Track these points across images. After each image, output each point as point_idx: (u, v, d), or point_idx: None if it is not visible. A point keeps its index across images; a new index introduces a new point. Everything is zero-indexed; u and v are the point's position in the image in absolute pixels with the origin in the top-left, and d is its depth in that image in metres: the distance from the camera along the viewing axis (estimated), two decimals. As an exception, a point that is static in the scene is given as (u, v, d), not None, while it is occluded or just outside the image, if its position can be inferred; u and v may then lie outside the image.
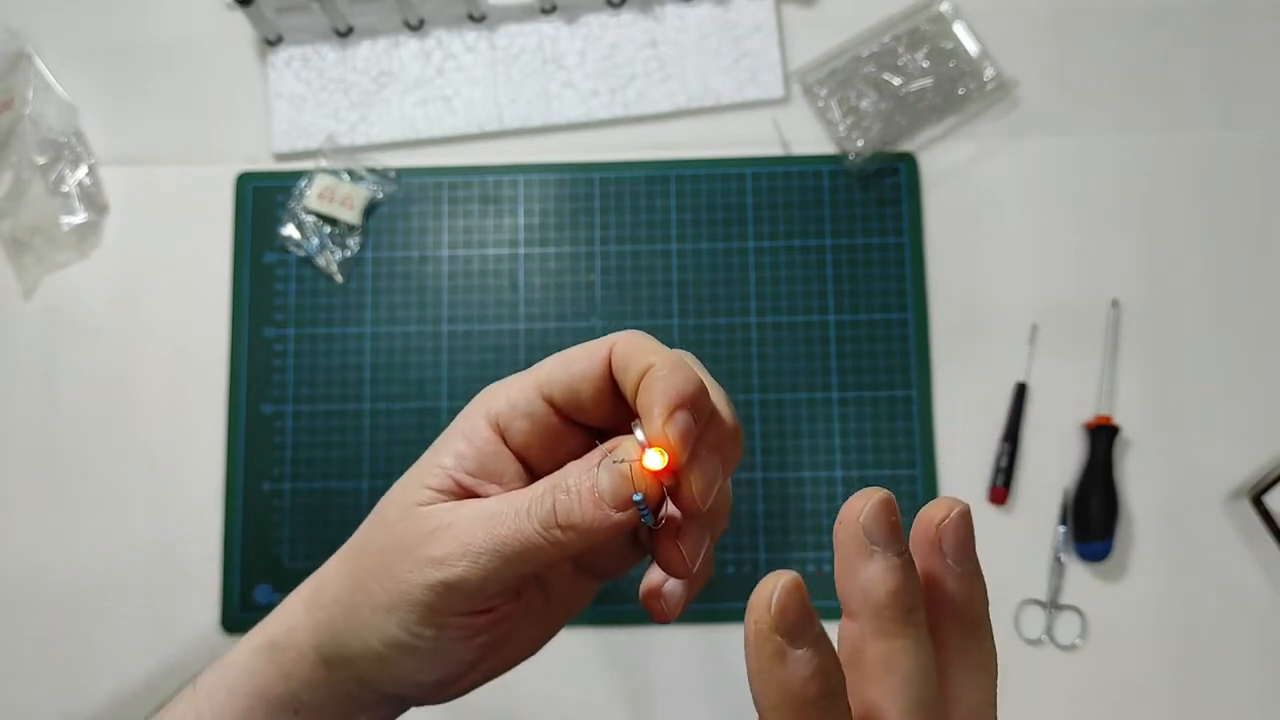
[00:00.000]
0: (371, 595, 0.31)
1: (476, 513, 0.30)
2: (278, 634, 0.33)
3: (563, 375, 0.31)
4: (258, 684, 0.33)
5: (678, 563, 0.30)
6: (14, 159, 0.68)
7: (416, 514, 0.31)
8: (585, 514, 0.28)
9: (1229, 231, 0.67)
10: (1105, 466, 0.63)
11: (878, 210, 0.68)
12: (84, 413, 0.67)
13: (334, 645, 0.32)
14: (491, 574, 0.29)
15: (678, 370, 0.29)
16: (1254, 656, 0.63)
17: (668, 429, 0.27)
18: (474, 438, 0.32)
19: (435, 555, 0.29)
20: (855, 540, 0.22)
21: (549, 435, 0.32)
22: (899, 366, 0.66)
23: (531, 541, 0.29)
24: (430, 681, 0.32)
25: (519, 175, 0.69)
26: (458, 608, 0.30)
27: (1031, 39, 0.70)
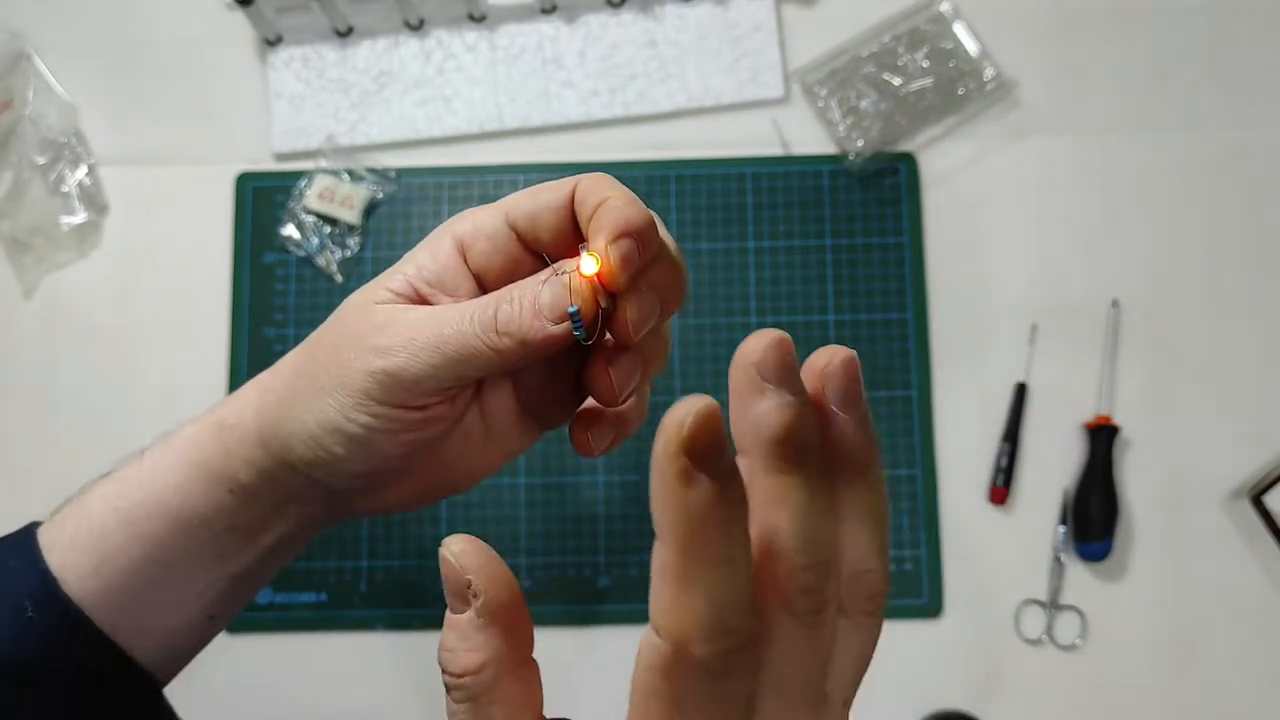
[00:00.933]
0: (316, 379, 0.33)
1: (426, 313, 0.32)
2: (227, 415, 0.35)
3: (527, 203, 0.33)
4: (201, 456, 0.35)
5: (605, 386, 0.32)
6: (14, 159, 0.68)
7: (371, 310, 0.33)
8: (524, 322, 0.30)
9: (1229, 231, 0.67)
10: (1105, 466, 0.63)
11: (878, 210, 0.68)
12: (84, 413, 0.67)
13: (274, 426, 0.33)
14: (430, 369, 0.31)
15: (631, 204, 0.31)
16: (1254, 656, 0.63)
17: (610, 249, 0.29)
18: (437, 252, 0.34)
19: (379, 344, 0.31)
20: (748, 379, 0.21)
21: (507, 259, 0.33)
22: (899, 366, 0.66)
23: (470, 344, 0.30)
24: (358, 472, 0.33)
25: (519, 175, 0.69)
26: (394, 398, 0.31)
27: (1031, 39, 0.70)
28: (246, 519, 0.35)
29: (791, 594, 0.21)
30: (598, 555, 0.64)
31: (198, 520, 0.34)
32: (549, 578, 0.64)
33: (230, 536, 0.35)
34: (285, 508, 0.35)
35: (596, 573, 0.64)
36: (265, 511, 0.35)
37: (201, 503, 0.34)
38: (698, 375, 0.66)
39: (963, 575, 0.64)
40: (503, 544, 0.64)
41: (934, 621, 0.63)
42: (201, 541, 0.35)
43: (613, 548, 0.65)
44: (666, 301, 0.32)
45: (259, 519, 0.35)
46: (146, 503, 0.34)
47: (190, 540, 0.34)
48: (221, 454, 0.34)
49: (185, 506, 0.34)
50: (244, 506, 0.35)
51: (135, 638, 0.35)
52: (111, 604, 0.34)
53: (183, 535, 0.34)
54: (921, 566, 0.64)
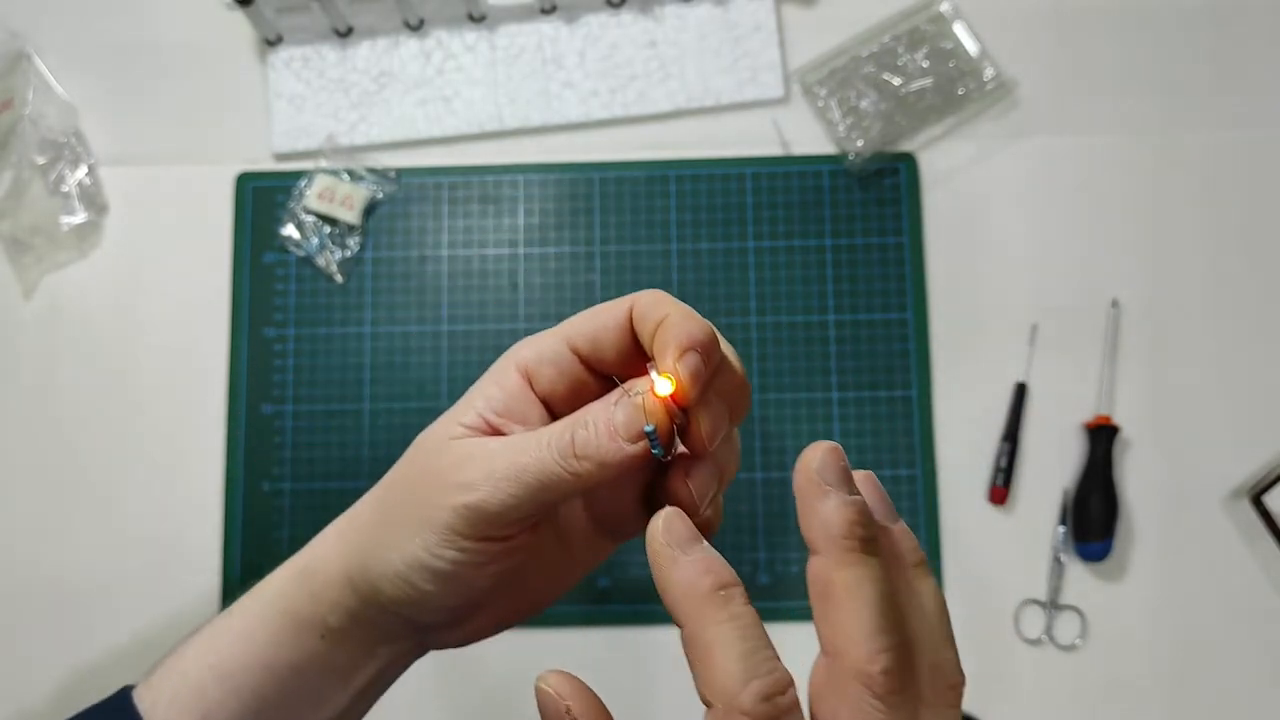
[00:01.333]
0: (399, 519, 0.33)
1: (503, 444, 0.32)
2: (311, 560, 0.36)
3: (587, 326, 0.34)
4: (288, 604, 0.35)
5: (686, 499, 0.32)
6: (14, 159, 0.68)
7: (447, 445, 0.33)
8: (601, 444, 0.31)
9: (1229, 231, 0.67)
10: (1105, 466, 0.63)
11: (878, 210, 0.68)
12: (84, 413, 0.67)
13: (360, 568, 0.34)
14: (511, 500, 0.31)
15: (691, 318, 0.31)
16: (1254, 656, 0.63)
17: (678, 366, 0.30)
18: (504, 383, 0.34)
19: (461, 480, 0.32)
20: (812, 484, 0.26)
21: (573, 383, 0.34)
22: (899, 366, 0.66)
23: (550, 470, 0.31)
24: (447, 607, 0.34)
25: (519, 175, 0.69)
26: (478, 531, 0.32)
27: (1031, 39, 0.70)
28: (339, 662, 0.35)
29: (874, 675, 0.24)
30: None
31: (291, 669, 0.35)
32: (549, 578, 0.64)
33: (324, 681, 0.36)
34: (376, 648, 0.36)
35: (597, 573, 0.64)
36: (357, 653, 0.36)
37: (294, 651, 0.35)
38: (698, 375, 0.66)
39: (963, 575, 0.64)
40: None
41: (934, 621, 0.63)
42: (297, 689, 0.35)
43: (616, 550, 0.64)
44: (734, 408, 0.33)
45: (351, 661, 0.36)
46: (241, 656, 0.35)
47: (286, 689, 0.35)
48: (309, 600, 0.35)
49: (279, 657, 0.35)
50: (335, 650, 0.35)
51: None
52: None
53: (279, 685, 0.35)
54: (921, 566, 0.64)
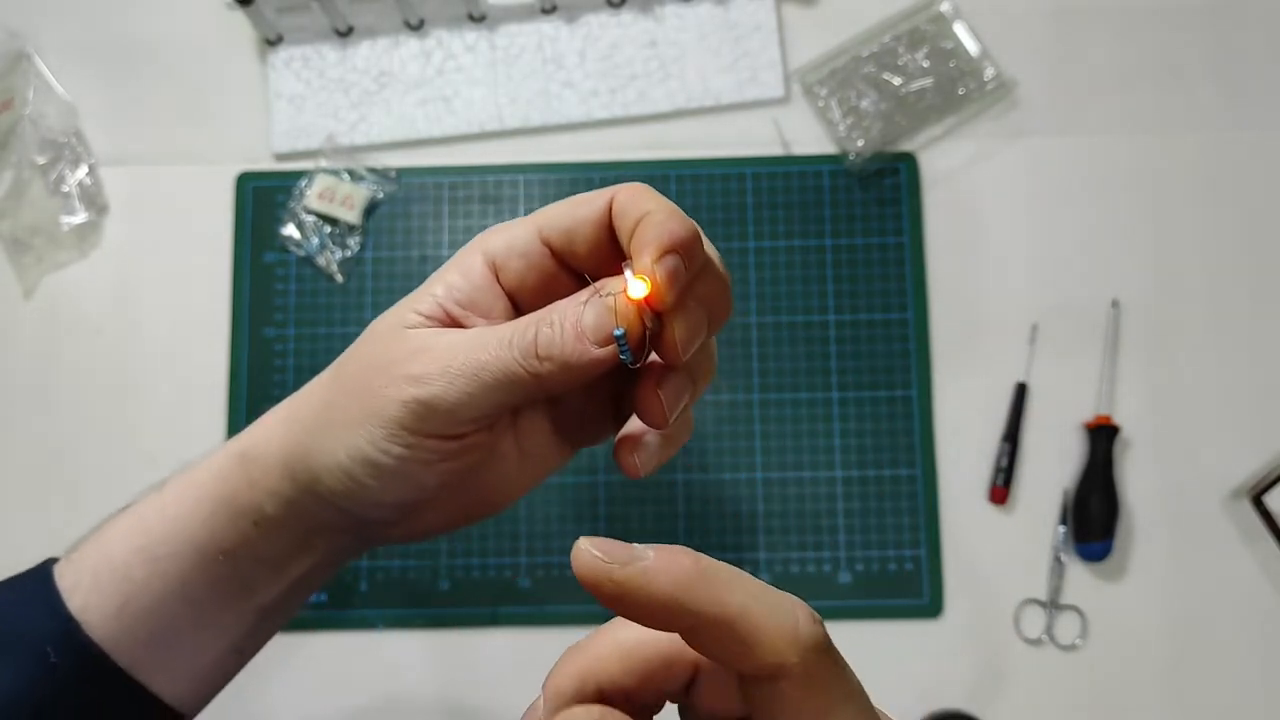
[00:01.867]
0: (346, 410, 0.31)
1: (460, 338, 0.30)
2: (250, 445, 0.34)
3: (562, 217, 0.31)
4: (224, 489, 0.33)
5: (655, 410, 0.30)
6: (14, 159, 0.68)
7: (401, 335, 0.31)
8: (566, 345, 0.29)
9: (1229, 231, 0.67)
10: (1105, 466, 0.63)
11: (878, 210, 0.68)
12: (84, 413, 0.67)
13: (302, 458, 0.32)
14: (467, 397, 0.29)
15: (674, 217, 0.29)
16: (1254, 656, 0.63)
17: (656, 267, 0.28)
18: (468, 272, 0.32)
19: (413, 372, 0.30)
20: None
21: (542, 277, 0.32)
22: (899, 366, 0.66)
23: (510, 369, 0.29)
24: (390, 503, 0.32)
25: (519, 175, 0.69)
26: (429, 428, 0.30)
27: (1031, 39, 0.70)
28: (273, 551, 0.34)
29: None
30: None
31: (222, 554, 0.33)
32: (549, 578, 0.64)
33: (256, 569, 0.34)
34: (313, 539, 0.34)
35: (596, 573, 0.64)
36: (292, 543, 0.34)
37: (226, 536, 0.33)
38: (698, 375, 0.66)
39: (963, 575, 0.64)
40: (502, 544, 0.65)
41: (934, 621, 0.63)
42: (227, 575, 0.34)
43: (613, 548, 0.64)
44: (714, 316, 0.31)
45: (286, 551, 0.34)
46: (169, 539, 0.33)
47: (215, 575, 0.33)
48: (245, 485, 0.33)
49: (209, 541, 0.33)
50: (270, 539, 0.33)
51: (161, 675, 0.34)
52: (136, 643, 0.33)
53: (208, 570, 0.33)
54: (921, 566, 0.64)
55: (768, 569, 0.64)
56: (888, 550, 0.64)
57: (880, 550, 0.64)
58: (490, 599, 0.64)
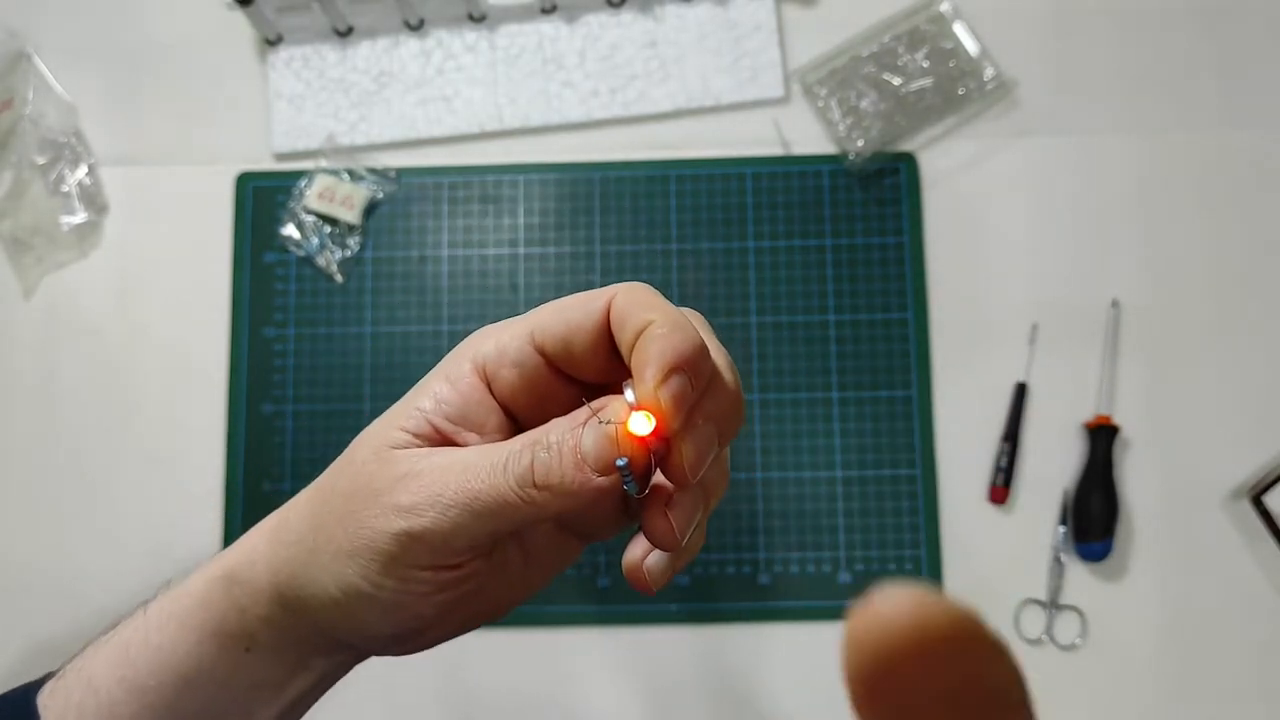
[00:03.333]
0: (333, 539, 0.29)
1: (451, 462, 0.28)
2: (237, 567, 0.32)
3: (557, 324, 0.29)
4: (211, 616, 0.31)
5: (665, 534, 0.28)
6: (14, 159, 0.68)
7: (387, 457, 0.29)
8: (565, 475, 0.27)
9: (1229, 231, 0.67)
10: (1105, 466, 0.63)
11: (878, 210, 0.68)
12: (84, 412, 0.67)
13: (291, 586, 0.30)
14: (460, 528, 0.27)
15: (678, 330, 0.26)
16: (1254, 656, 0.63)
17: (660, 392, 0.26)
18: (458, 382, 0.30)
19: (402, 503, 0.28)
20: None
21: (538, 387, 0.30)
22: (899, 366, 0.66)
23: (505, 499, 0.27)
24: (388, 634, 0.30)
25: (519, 175, 0.69)
26: (422, 561, 0.28)
27: (1031, 39, 0.70)
28: (268, 676, 0.32)
29: None
30: (599, 555, 0.64)
31: (214, 684, 0.31)
32: (549, 578, 0.64)
33: (252, 694, 0.32)
34: (310, 659, 0.32)
35: (597, 573, 0.64)
36: (289, 666, 0.32)
37: (217, 666, 0.31)
38: (698, 375, 0.66)
39: (963, 575, 0.64)
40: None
41: (934, 621, 0.63)
42: (221, 704, 0.31)
43: (614, 547, 0.64)
44: (724, 430, 0.28)
45: (282, 674, 0.32)
46: (157, 670, 0.31)
47: (208, 704, 0.31)
48: (235, 612, 0.31)
49: (199, 671, 0.31)
50: (265, 664, 0.32)
51: None
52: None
53: (200, 700, 0.31)
54: (921, 566, 0.64)
55: (767, 569, 0.64)
56: (888, 550, 0.64)
57: (880, 550, 0.64)
58: (490, 599, 0.64)
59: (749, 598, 0.64)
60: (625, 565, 0.31)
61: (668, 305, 0.28)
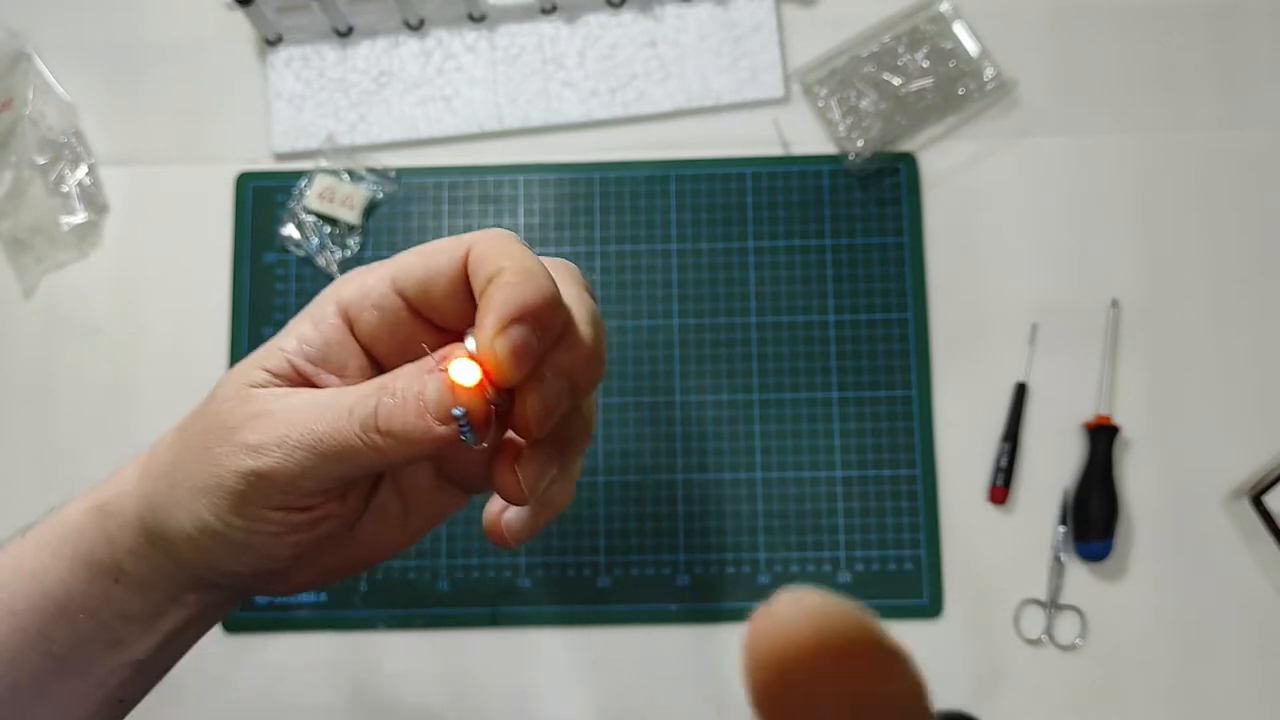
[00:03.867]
0: (190, 475, 0.29)
1: (302, 403, 0.28)
2: (109, 498, 0.32)
3: (417, 268, 0.29)
4: (83, 545, 0.32)
5: (512, 489, 0.28)
6: (14, 159, 0.68)
7: (245, 395, 0.29)
8: (407, 422, 0.26)
9: (1229, 231, 0.67)
10: (1105, 466, 0.63)
11: (878, 210, 0.68)
12: (84, 413, 0.67)
13: (155, 520, 0.30)
14: (306, 470, 0.27)
15: (527, 279, 0.26)
16: (1254, 656, 0.63)
17: (496, 343, 0.25)
18: (321, 324, 0.30)
19: (250, 442, 0.28)
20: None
21: (399, 330, 0.30)
22: (899, 366, 0.66)
23: (349, 443, 0.27)
24: (245, 573, 0.30)
25: (519, 175, 0.69)
26: (269, 501, 0.28)
27: (1031, 39, 0.70)
28: (140, 608, 0.32)
29: None
30: (598, 555, 0.64)
31: (85, 612, 0.31)
32: (549, 578, 0.64)
33: (124, 625, 0.32)
34: (182, 595, 0.32)
35: (596, 572, 0.64)
36: (160, 600, 0.32)
37: (87, 594, 0.31)
38: (697, 376, 0.66)
39: (963, 575, 0.64)
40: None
41: (934, 621, 0.63)
42: (92, 631, 0.31)
43: (613, 548, 0.65)
44: (577, 385, 0.28)
45: (154, 607, 0.32)
46: (29, 593, 0.31)
47: (79, 632, 0.31)
48: (105, 541, 0.31)
49: (70, 597, 0.31)
50: (135, 596, 0.32)
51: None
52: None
53: (70, 627, 0.31)
54: (921, 566, 0.64)
55: (768, 569, 0.64)
56: (887, 550, 0.64)
57: (880, 550, 0.64)
58: (490, 599, 0.64)
59: (749, 598, 0.64)
60: (484, 519, 0.32)
61: (524, 253, 0.27)
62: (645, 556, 0.64)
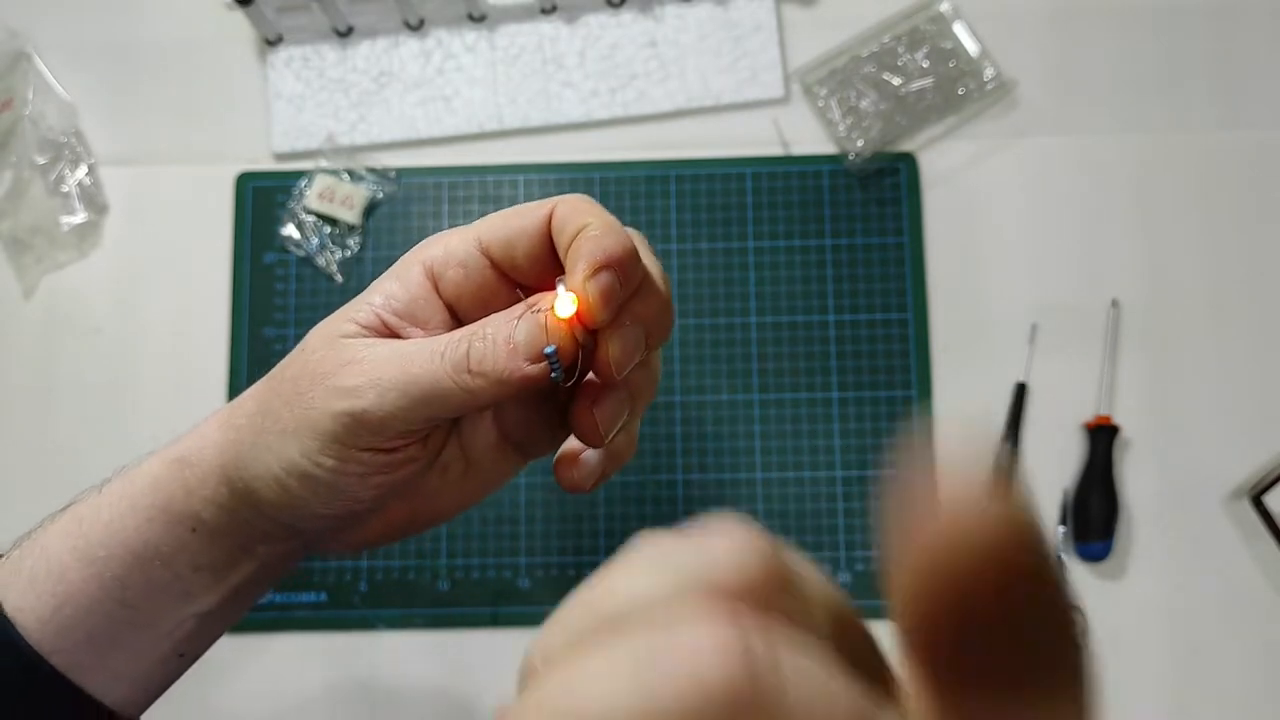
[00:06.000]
0: (279, 419, 0.31)
1: (394, 350, 0.30)
2: (189, 450, 0.33)
3: (502, 228, 0.31)
4: (161, 496, 0.33)
5: (589, 428, 0.30)
6: (14, 159, 0.68)
7: (336, 344, 0.31)
8: (497, 361, 0.28)
9: (1229, 231, 0.67)
10: (1105, 466, 0.63)
11: (878, 210, 0.68)
12: (84, 413, 0.67)
13: (237, 466, 0.32)
14: (398, 411, 0.29)
15: (611, 232, 0.29)
16: (1254, 656, 0.63)
17: (588, 285, 0.27)
18: (407, 281, 0.32)
19: (345, 385, 0.29)
20: None
21: (482, 288, 0.32)
22: (899, 366, 0.66)
23: (441, 383, 0.29)
24: (327, 514, 0.32)
25: (519, 175, 0.69)
26: (360, 441, 0.29)
27: (1031, 39, 0.70)
28: (212, 558, 0.33)
29: None
30: (598, 555, 0.64)
31: (159, 560, 0.33)
32: (548, 578, 0.64)
33: (196, 575, 0.33)
34: (253, 546, 0.34)
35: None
36: (232, 550, 0.33)
37: (163, 541, 0.33)
38: (697, 375, 0.66)
39: (963, 575, 0.64)
40: (502, 544, 0.64)
41: (934, 621, 0.63)
42: (165, 580, 0.33)
43: (613, 547, 0.64)
44: (651, 334, 0.30)
45: (226, 558, 0.33)
46: (107, 542, 0.33)
47: (153, 579, 0.33)
48: (183, 492, 0.33)
49: (147, 545, 0.33)
50: (208, 546, 0.33)
51: (101, 677, 0.33)
52: (73, 645, 0.32)
53: (145, 574, 0.33)
54: (921, 566, 0.64)
55: (768, 569, 0.64)
56: (888, 550, 0.64)
57: (880, 550, 0.64)
58: (490, 599, 0.64)
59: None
60: (556, 460, 0.33)
61: (605, 213, 0.30)
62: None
